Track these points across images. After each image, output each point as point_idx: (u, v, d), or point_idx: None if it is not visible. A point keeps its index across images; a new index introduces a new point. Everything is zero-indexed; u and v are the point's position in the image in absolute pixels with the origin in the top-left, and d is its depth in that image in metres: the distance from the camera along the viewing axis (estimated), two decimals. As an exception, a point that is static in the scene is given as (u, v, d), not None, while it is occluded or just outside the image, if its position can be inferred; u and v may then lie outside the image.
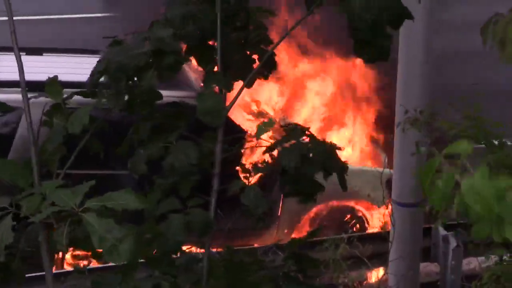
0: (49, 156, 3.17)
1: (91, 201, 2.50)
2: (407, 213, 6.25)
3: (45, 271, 3.09)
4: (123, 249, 2.39)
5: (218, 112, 3.07)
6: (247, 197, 3.09)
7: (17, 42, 3.30)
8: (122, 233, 2.42)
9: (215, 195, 3.19)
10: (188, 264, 3.11)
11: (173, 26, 3.09)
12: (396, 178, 6.28)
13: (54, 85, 3.26)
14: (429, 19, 5.79)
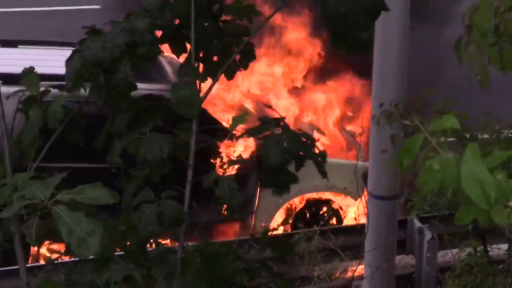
0: (26, 148, 3.16)
1: (61, 194, 2.47)
2: (382, 206, 6.29)
3: (18, 264, 3.09)
4: (92, 242, 2.37)
5: (193, 103, 3.06)
6: (220, 189, 3.07)
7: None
8: (91, 226, 2.40)
9: (189, 187, 3.17)
10: (162, 256, 3.10)
11: (150, 16, 3.09)
12: (372, 171, 6.31)
13: (31, 77, 3.25)
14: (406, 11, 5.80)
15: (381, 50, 5.83)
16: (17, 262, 3.09)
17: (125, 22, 3.12)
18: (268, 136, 3.17)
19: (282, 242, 3.59)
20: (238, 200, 3.10)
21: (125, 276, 2.82)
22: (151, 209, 2.97)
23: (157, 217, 2.97)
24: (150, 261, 3.10)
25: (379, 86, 6.11)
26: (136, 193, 3.11)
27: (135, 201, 3.05)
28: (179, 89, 3.09)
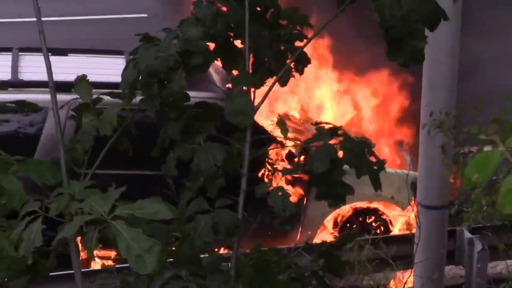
0: (78, 156, 3.18)
1: (120, 209, 2.49)
2: (432, 216, 6.21)
3: (74, 270, 3.10)
4: (149, 260, 2.39)
5: (246, 113, 3.04)
6: (273, 199, 3.05)
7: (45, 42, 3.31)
8: (149, 244, 2.41)
9: (243, 196, 3.16)
10: (215, 264, 3.09)
11: (202, 25, 3.08)
12: (421, 180, 6.25)
13: (83, 85, 3.27)
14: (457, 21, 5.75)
15: (431, 59, 5.76)
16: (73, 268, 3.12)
17: (178, 30, 3.11)
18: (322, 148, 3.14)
19: (336, 257, 3.54)
20: (291, 211, 3.07)
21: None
22: (206, 219, 2.97)
23: (212, 227, 2.96)
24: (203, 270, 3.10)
25: (429, 95, 6.03)
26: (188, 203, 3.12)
27: (188, 211, 3.06)
28: (233, 99, 3.07)
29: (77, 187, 2.80)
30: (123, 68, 3.15)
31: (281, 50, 3.26)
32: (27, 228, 2.68)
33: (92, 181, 2.92)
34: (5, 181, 2.83)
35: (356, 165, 3.10)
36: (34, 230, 2.66)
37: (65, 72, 3.94)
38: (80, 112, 3.24)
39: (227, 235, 3.04)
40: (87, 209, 2.50)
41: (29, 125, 6.73)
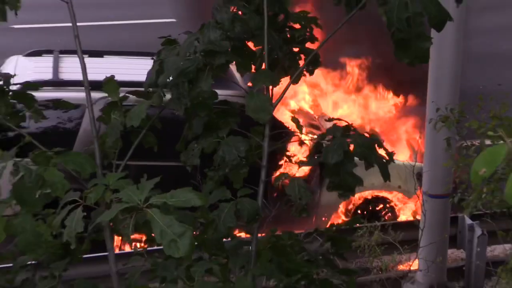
0: (109, 149, 3.18)
1: (154, 198, 2.49)
2: (436, 204, 6.19)
3: (108, 253, 3.10)
4: (182, 244, 2.38)
5: (266, 109, 3.02)
6: (291, 188, 3.04)
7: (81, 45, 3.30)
8: (182, 229, 2.41)
9: (262, 186, 3.15)
10: (237, 248, 3.08)
11: (222, 28, 3.06)
12: (427, 171, 6.21)
13: (111, 84, 3.27)
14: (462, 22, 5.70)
15: (437, 58, 5.71)
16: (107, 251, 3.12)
17: (198, 33, 3.09)
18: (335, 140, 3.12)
19: (341, 238, 3.53)
20: (307, 199, 3.06)
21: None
22: (229, 206, 2.96)
23: (234, 213, 2.96)
24: (226, 252, 3.09)
25: (434, 92, 5.99)
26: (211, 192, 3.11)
27: (211, 199, 3.05)
28: (254, 96, 3.06)
29: (112, 178, 2.81)
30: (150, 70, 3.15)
31: (293, 51, 3.23)
32: (69, 216, 2.70)
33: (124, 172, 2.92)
34: (47, 173, 2.83)
35: (365, 158, 3.08)
36: (75, 218, 2.68)
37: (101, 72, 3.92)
38: (109, 110, 3.24)
39: (248, 221, 3.03)
40: (124, 198, 2.50)
41: (69, 121, 6.75)
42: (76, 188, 2.90)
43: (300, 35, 3.25)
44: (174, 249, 2.37)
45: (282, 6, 3.17)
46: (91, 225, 2.76)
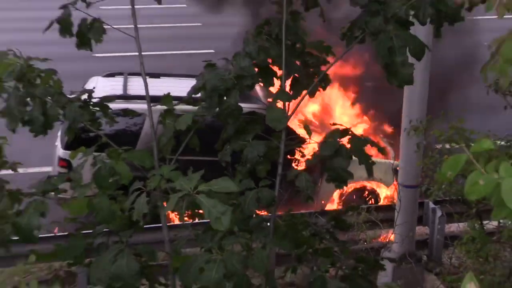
0: (163, 147, 3.17)
1: (201, 186, 2.47)
2: (409, 192, 6.13)
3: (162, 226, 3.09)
4: (224, 220, 2.37)
5: (282, 120, 2.97)
6: (300, 181, 2.99)
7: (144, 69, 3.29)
8: (224, 209, 2.39)
9: (279, 178, 3.11)
10: (259, 224, 3.05)
11: (250, 57, 3.02)
12: (402, 168, 6.16)
13: (167, 98, 3.26)
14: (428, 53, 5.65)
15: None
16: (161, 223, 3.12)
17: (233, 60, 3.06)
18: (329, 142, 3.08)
19: (343, 220, 3.49)
20: (312, 189, 3.02)
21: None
22: (252, 194, 2.93)
23: (256, 199, 2.92)
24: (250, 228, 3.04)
25: (407, 108, 5.93)
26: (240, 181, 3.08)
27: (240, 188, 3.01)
28: (273, 109, 3.02)
29: (165, 170, 2.79)
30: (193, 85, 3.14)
31: (310, 72, 3.17)
32: (137, 200, 2.69)
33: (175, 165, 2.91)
34: (117, 165, 2.84)
35: (358, 156, 3.03)
36: (141, 202, 2.67)
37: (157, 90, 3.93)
38: (165, 117, 3.22)
39: (267, 205, 3.01)
40: (178, 186, 2.49)
41: (133, 125, 6.77)
42: (140, 177, 2.88)
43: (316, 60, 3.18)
44: (219, 224, 2.36)
45: (298, 37, 3.11)
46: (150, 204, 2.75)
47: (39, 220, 2.84)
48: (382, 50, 2.80)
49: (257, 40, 3.07)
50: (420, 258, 6.49)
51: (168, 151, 3.15)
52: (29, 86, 2.89)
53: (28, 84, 2.89)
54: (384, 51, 2.80)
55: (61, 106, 2.97)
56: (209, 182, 2.48)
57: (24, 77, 2.89)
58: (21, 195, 2.96)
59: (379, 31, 2.83)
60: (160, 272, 3.31)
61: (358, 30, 2.96)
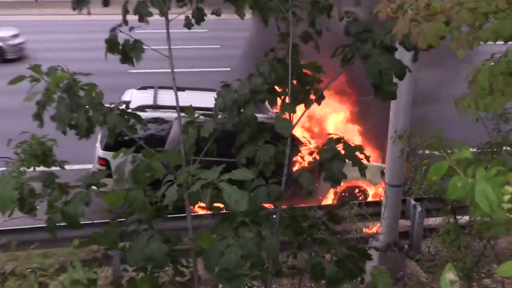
0: (187, 150, 3.18)
1: (223, 176, 2.48)
2: (394, 191, 6.11)
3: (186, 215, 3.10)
4: (242, 203, 2.38)
5: (287, 128, 2.99)
6: (303, 179, 3.00)
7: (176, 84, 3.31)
8: (242, 194, 2.40)
9: (285, 177, 3.12)
10: (267, 215, 3.05)
11: (263, 76, 3.05)
12: (388, 169, 6.13)
13: (190, 110, 3.28)
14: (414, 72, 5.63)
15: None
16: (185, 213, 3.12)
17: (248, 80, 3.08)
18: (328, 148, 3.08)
19: (336, 214, 3.49)
20: (312, 187, 3.03)
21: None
22: (263, 190, 2.93)
23: (266, 194, 2.92)
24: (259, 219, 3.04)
25: (394, 119, 5.91)
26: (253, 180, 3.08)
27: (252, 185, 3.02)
28: (280, 120, 3.03)
29: (191, 168, 2.80)
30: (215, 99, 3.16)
31: (307, 89, 3.19)
32: (168, 189, 2.71)
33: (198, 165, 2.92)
34: (152, 163, 2.87)
35: (351, 160, 3.04)
36: (172, 190, 2.69)
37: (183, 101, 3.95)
38: (187, 126, 3.24)
39: (276, 200, 3.01)
40: (204, 177, 2.49)
41: (162, 131, 6.80)
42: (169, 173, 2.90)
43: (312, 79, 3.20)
44: (238, 206, 2.37)
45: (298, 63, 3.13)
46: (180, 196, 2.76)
47: (83, 209, 2.86)
48: (371, 71, 2.81)
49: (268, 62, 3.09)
50: (402, 247, 6.47)
51: (191, 154, 3.17)
52: (75, 97, 2.92)
53: (74, 95, 2.92)
54: (373, 72, 2.82)
55: (102, 114, 3.00)
56: (229, 173, 2.49)
57: (70, 89, 2.92)
58: (68, 187, 2.99)
59: (368, 55, 2.85)
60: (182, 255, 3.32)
61: (351, 54, 2.97)
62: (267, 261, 3.21)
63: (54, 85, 2.87)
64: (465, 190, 1.60)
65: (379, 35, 2.87)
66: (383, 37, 2.86)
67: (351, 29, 2.97)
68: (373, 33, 2.90)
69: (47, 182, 2.91)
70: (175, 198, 2.63)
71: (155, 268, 2.92)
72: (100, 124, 3.00)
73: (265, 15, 3.06)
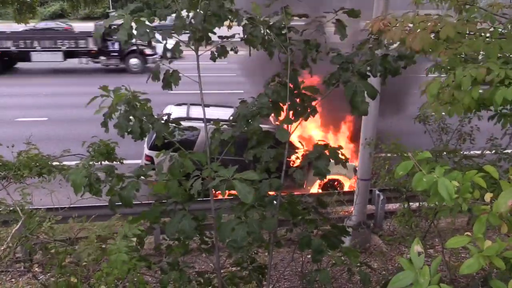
0: (213, 151, 3.15)
1: (236, 175, 2.43)
2: (364, 183, 6.02)
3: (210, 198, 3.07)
4: (249, 196, 2.32)
5: (286, 135, 2.93)
6: (296, 175, 2.94)
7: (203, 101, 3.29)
8: (250, 189, 2.34)
9: (284, 173, 3.06)
10: (270, 201, 3.01)
11: (268, 96, 3.00)
12: (360, 167, 6.04)
13: (217, 122, 3.24)
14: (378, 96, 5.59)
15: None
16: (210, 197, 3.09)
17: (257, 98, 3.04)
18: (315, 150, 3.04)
19: (323, 200, 3.43)
20: (303, 181, 2.97)
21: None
22: (266, 182, 2.89)
23: (269, 185, 2.88)
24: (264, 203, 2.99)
25: (364, 130, 5.82)
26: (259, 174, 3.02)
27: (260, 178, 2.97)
28: (281, 129, 2.98)
29: (215, 165, 2.74)
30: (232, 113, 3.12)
31: (305, 105, 3.14)
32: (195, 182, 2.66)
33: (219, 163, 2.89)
34: (185, 161, 2.83)
35: (334, 158, 2.98)
36: (198, 183, 2.63)
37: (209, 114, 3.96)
38: (213, 132, 3.20)
39: (276, 189, 2.96)
40: (221, 174, 2.44)
41: (192, 136, 6.78)
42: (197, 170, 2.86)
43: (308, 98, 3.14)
44: (247, 198, 2.31)
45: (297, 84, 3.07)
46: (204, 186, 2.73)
47: (134, 193, 2.84)
48: (349, 93, 2.77)
49: (272, 85, 3.05)
50: (369, 225, 6.38)
51: (216, 154, 3.13)
52: (132, 109, 2.91)
53: (132, 107, 2.91)
54: (350, 93, 2.77)
55: (151, 123, 2.98)
56: (241, 173, 2.45)
57: (129, 104, 2.91)
58: (124, 177, 2.97)
59: (348, 80, 2.81)
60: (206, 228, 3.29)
61: (335, 79, 2.94)
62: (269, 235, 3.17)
63: (117, 101, 2.85)
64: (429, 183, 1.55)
65: (357, 65, 2.83)
66: (360, 66, 2.83)
67: (335, 61, 2.93)
68: (353, 63, 2.86)
69: (109, 172, 2.89)
70: (199, 189, 2.59)
71: (186, 238, 2.89)
72: (149, 130, 2.98)
73: (270, 50, 3.03)
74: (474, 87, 2.00)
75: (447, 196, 1.48)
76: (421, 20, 2.24)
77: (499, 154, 4.85)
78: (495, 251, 1.33)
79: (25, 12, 7.00)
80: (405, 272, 1.32)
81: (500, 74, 1.95)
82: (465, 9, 2.80)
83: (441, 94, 2.02)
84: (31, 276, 4.95)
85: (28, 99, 13.80)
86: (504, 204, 1.36)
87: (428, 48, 2.14)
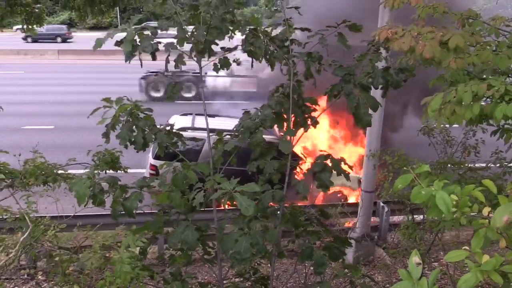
0: (216, 161, 3.17)
1: (238, 188, 2.45)
2: (368, 195, 5.99)
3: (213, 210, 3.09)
4: (251, 208, 2.33)
5: (289, 146, 2.95)
6: (299, 186, 2.95)
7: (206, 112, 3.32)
8: (250, 202, 2.36)
9: (286, 184, 3.07)
10: (273, 212, 3.02)
11: (271, 108, 3.03)
12: (364, 179, 6.02)
13: (220, 133, 3.28)
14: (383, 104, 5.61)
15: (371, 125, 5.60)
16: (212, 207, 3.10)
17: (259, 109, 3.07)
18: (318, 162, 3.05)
19: (326, 212, 3.43)
20: (306, 192, 2.98)
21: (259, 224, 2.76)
22: (269, 194, 2.90)
23: (271, 197, 2.89)
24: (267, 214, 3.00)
25: (369, 141, 5.82)
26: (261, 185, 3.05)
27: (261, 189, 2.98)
28: (284, 141, 3.00)
29: (217, 177, 2.77)
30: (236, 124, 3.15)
31: (306, 116, 3.17)
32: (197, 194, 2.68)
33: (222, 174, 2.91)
34: (188, 172, 2.85)
35: (336, 171, 3.00)
36: (200, 195, 2.65)
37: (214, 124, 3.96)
38: (216, 143, 3.23)
39: (279, 201, 2.96)
40: (223, 187, 2.46)
41: (196, 146, 6.82)
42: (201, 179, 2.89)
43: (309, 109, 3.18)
44: (247, 211, 2.31)
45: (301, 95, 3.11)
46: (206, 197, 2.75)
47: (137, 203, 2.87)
48: (352, 105, 2.80)
49: (276, 97, 3.08)
50: (373, 238, 6.34)
51: (219, 164, 3.16)
52: (135, 119, 2.95)
53: (134, 118, 2.95)
54: (353, 105, 2.80)
55: (154, 133, 3.01)
56: (242, 185, 2.47)
57: (132, 114, 2.96)
58: (127, 187, 3.00)
59: (350, 92, 2.84)
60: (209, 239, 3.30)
61: (337, 91, 2.97)
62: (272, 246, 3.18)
63: (120, 111, 2.90)
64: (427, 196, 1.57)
65: (358, 77, 2.86)
66: (361, 79, 2.86)
67: (338, 73, 2.96)
68: (354, 76, 2.89)
69: (112, 183, 2.93)
70: (201, 201, 2.61)
71: (189, 249, 2.90)
72: (152, 141, 3.01)
73: (272, 62, 3.07)
74: (475, 103, 2.02)
75: (445, 210, 1.50)
76: (429, 31, 2.28)
77: (504, 167, 4.84)
78: (492, 265, 1.34)
79: (33, 22, 7.14)
80: (403, 283, 1.33)
81: (500, 88, 1.98)
82: (468, 23, 2.83)
83: (443, 109, 2.05)
84: (34, 284, 4.97)
85: (35, 107, 13.98)
86: (499, 219, 1.37)
87: (438, 57, 2.17)
